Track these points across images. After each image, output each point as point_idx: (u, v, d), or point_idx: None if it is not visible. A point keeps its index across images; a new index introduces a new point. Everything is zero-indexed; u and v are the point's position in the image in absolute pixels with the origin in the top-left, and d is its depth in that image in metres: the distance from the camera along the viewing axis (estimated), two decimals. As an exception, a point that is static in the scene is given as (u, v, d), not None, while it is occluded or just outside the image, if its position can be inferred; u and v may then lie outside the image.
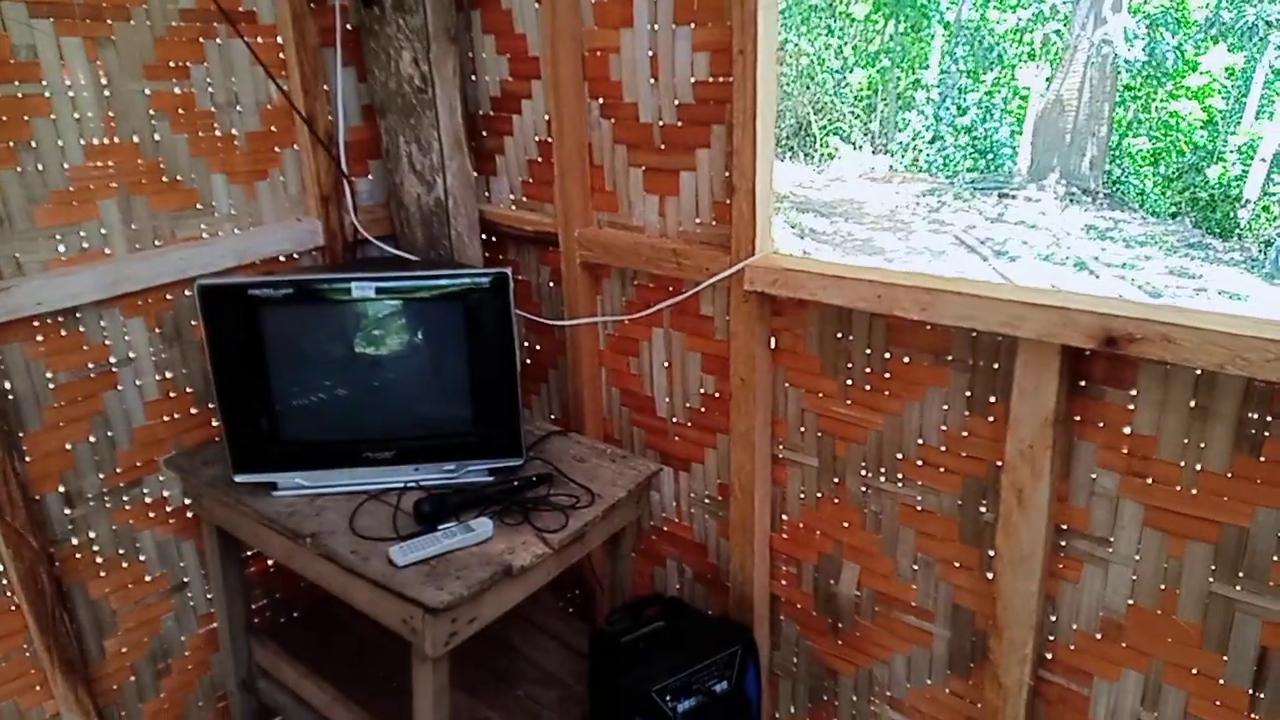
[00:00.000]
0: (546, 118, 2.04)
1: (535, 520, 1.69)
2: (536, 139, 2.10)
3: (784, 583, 1.98)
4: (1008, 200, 10.75)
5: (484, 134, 2.21)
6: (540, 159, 2.11)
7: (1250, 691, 1.37)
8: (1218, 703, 1.40)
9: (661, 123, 1.83)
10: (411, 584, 1.51)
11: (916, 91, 12.98)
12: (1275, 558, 1.30)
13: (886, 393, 1.69)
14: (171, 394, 2.01)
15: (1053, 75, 11.33)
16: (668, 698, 1.67)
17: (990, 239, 9.62)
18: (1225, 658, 1.38)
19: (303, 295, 1.71)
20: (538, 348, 2.32)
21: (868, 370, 1.71)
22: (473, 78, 2.18)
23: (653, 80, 1.82)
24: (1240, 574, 1.33)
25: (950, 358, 1.59)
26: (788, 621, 2.00)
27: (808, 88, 13.26)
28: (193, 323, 1.99)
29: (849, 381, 1.74)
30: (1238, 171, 10.22)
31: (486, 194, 2.26)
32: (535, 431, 2.03)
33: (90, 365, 1.87)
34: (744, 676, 1.76)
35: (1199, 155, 10.74)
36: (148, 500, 2.01)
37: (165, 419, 2.01)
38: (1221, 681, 1.39)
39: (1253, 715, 1.37)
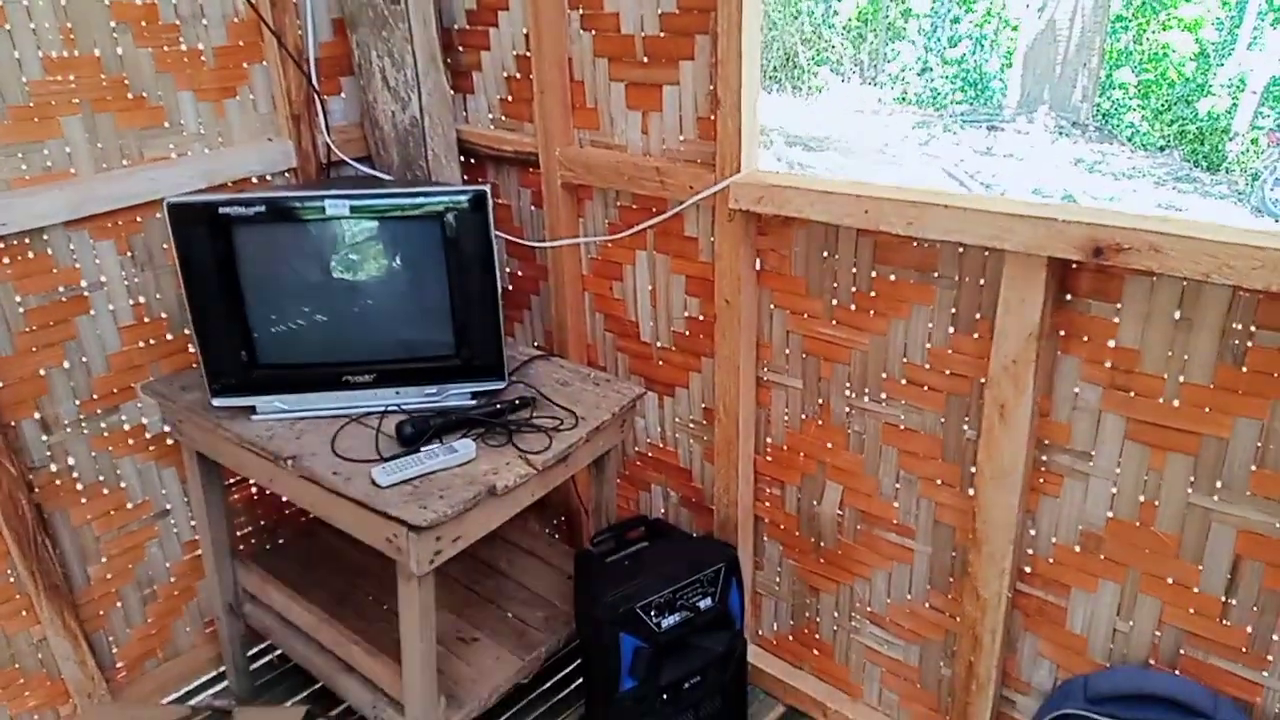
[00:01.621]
0: (524, 31, 1.97)
1: (519, 442, 1.68)
2: (514, 54, 2.03)
3: (768, 504, 2.00)
4: (997, 133, 10.63)
5: (460, 49, 2.14)
6: (519, 75, 2.04)
7: (1223, 599, 1.39)
8: (1191, 610, 1.43)
9: (644, 34, 1.77)
10: (395, 503, 1.51)
11: (907, 21, 12.71)
12: (1253, 467, 1.31)
13: (872, 312, 1.68)
14: (146, 319, 1.97)
15: (1044, 4, 11.11)
16: (652, 614, 1.69)
17: (979, 172, 9.53)
18: (1200, 567, 1.40)
19: (276, 213, 1.67)
20: (520, 274, 2.29)
21: (853, 290, 1.69)
22: (447, -10, 2.10)
23: (635, -12, 1.75)
24: (1218, 484, 1.35)
25: (936, 275, 1.57)
26: (771, 542, 2.02)
27: (796, 17, 12.95)
28: (164, 246, 1.95)
29: (834, 302, 1.73)
30: (1227, 104, 10.12)
31: (464, 113, 2.20)
32: (518, 356, 2.01)
33: (61, 289, 1.83)
34: (728, 593, 1.78)
35: (1189, 88, 10.61)
36: (126, 427, 1.99)
37: (141, 345, 1.97)
38: (1196, 590, 1.41)
39: (1224, 622, 1.40)
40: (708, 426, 2.03)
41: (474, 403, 1.79)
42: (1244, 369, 1.28)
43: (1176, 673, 1.46)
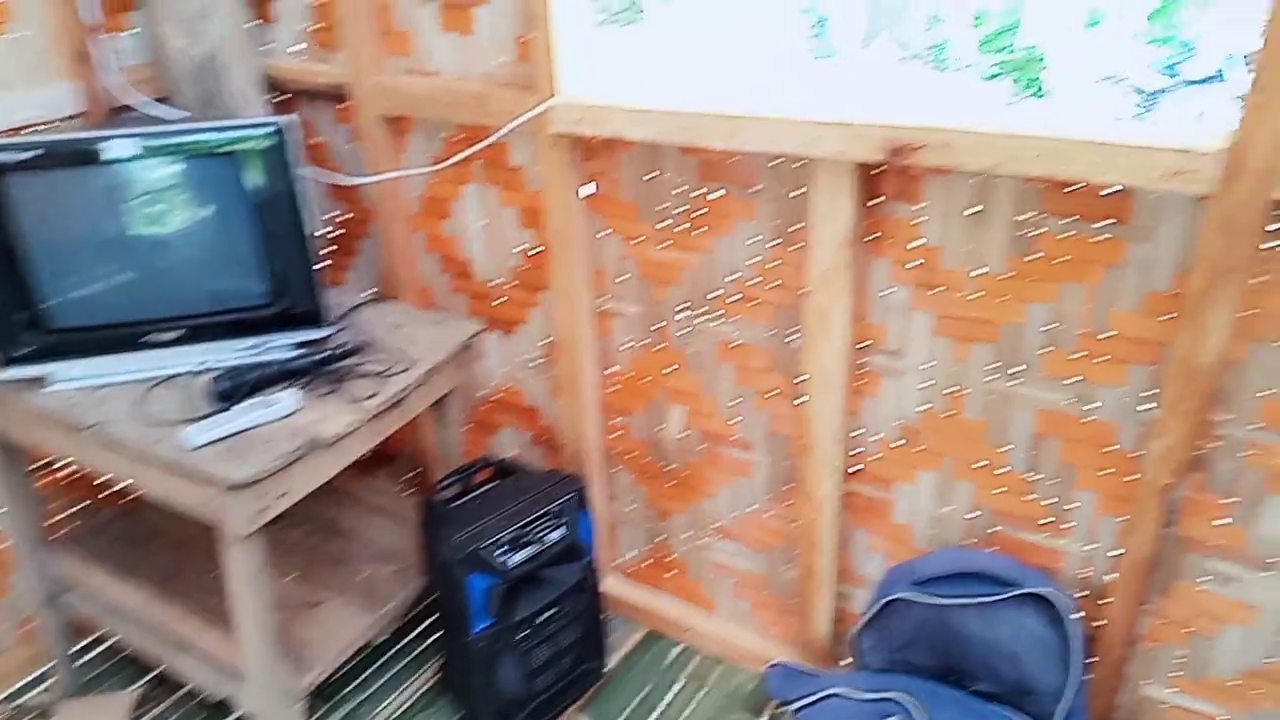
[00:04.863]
0: (322, -47, 1.84)
1: (347, 390, 1.61)
2: (315, -22, 1.90)
3: (616, 433, 2.00)
4: (841, 67, 10.92)
5: (254, -24, 1.98)
6: (324, 1, 1.91)
7: (1026, 475, 1.50)
8: (1000, 490, 1.53)
9: (448, -50, 1.69)
10: (209, 462, 1.42)
11: (751, -39, 12.76)
12: (1044, 350, 1.40)
13: (699, 231, 1.69)
14: (-91, 289, 1.75)
15: (879, -58, 11.38)
16: (499, 552, 1.66)
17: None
18: (1005, 449, 1.50)
19: (54, 158, 1.51)
20: (346, 218, 2.17)
21: (680, 210, 1.69)
22: (233, -90, 1.92)
23: (432, -98, 1.66)
24: (1016, 369, 1.44)
25: (757, 189, 1.58)
26: (622, 471, 2.03)
27: (640, -43, 12.78)
28: (-77, 205, 1.73)
29: (664, 223, 1.72)
30: (1048, 34, 10.75)
31: (268, 45, 2.04)
32: (346, 303, 1.91)
33: None
34: (577, 524, 1.78)
35: (1014, 18, 11.17)
36: (-100, 412, 1.78)
37: (-94, 318, 1.76)
38: (1002, 470, 1.52)
39: (1029, 496, 1.51)
40: (551, 362, 2.01)
41: (297, 353, 1.70)
42: (1032, 257, 1.36)
43: (991, 549, 1.57)
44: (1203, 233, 1.19)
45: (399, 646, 2.07)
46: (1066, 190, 1.30)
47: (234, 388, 1.57)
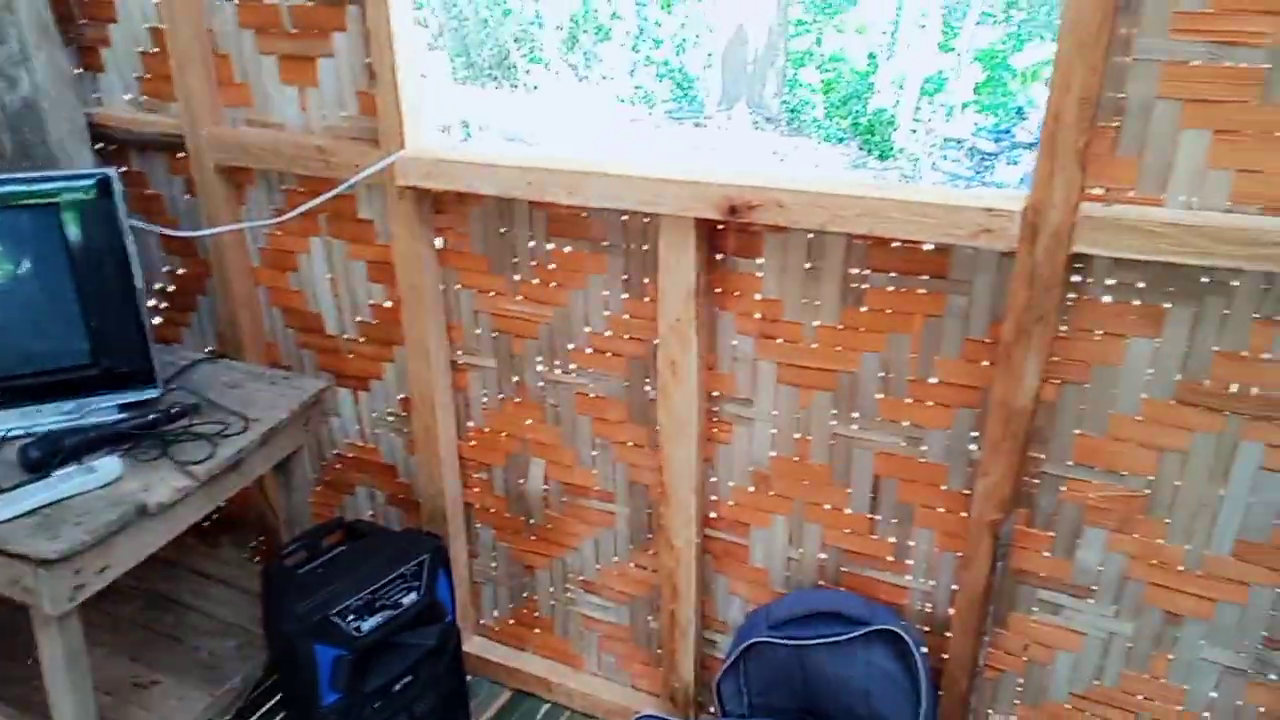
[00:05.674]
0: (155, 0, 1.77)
1: (177, 454, 1.51)
2: (147, 26, 1.82)
3: (476, 489, 1.96)
4: (701, 129, 11.34)
5: (81, 22, 1.88)
6: (156, 50, 1.84)
7: (869, 516, 1.56)
8: (847, 530, 1.59)
9: (290, 2, 1.66)
10: (16, 538, 1.30)
11: (615, 23, 13.16)
12: (878, 396, 1.48)
13: (553, 284, 1.70)
14: None
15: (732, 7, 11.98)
16: (349, 618, 1.59)
17: (690, 165, 10.05)
18: (849, 490, 1.56)
19: None
20: (181, 272, 2.06)
21: (533, 264, 1.70)
22: (57, -49, 1.83)
23: (272, -47, 1.63)
24: (855, 414, 1.51)
25: (606, 243, 1.61)
26: (483, 527, 1.99)
27: (507, 15, 12.98)
28: None
29: (516, 277, 1.72)
30: (892, 101, 11.54)
31: (96, 94, 1.94)
32: (179, 361, 1.81)
33: None
34: (434, 584, 1.72)
35: (861, 86, 11.95)
36: None
37: None
38: (848, 511, 1.58)
39: (873, 536, 1.57)
40: (407, 418, 1.95)
41: (122, 416, 1.59)
42: (863, 309, 1.44)
43: (841, 589, 1.62)
44: (1011, 286, 1.30)
45: (245, 727, 1.93)
46: (891, 246, 1.39)
47: (47, 455, 1.45)
